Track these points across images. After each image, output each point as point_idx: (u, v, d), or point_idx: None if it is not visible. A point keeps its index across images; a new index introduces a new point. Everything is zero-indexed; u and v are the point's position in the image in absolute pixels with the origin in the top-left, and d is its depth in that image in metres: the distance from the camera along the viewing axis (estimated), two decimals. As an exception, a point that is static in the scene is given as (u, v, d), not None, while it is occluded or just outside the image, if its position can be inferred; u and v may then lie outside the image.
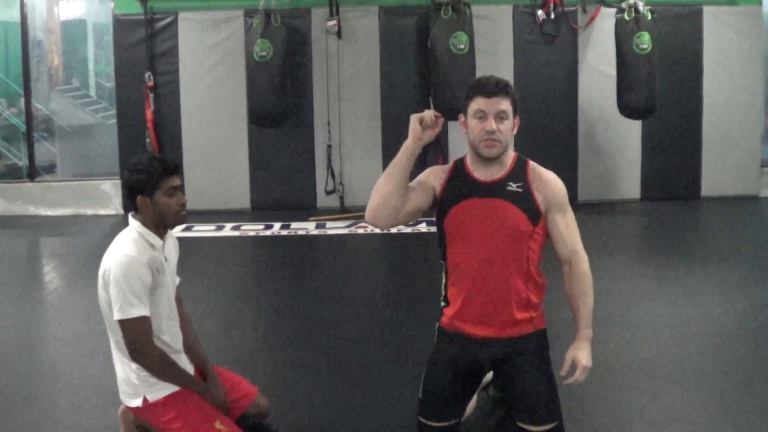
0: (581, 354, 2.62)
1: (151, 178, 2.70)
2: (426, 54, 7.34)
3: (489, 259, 2.58)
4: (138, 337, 2.62)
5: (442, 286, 2.74)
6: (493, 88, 2.55)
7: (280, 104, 7.15)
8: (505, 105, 2.56)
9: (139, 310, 2.60)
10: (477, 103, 2.56)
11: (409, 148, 2.58)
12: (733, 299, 4.79)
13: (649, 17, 6.96)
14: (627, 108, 7.14)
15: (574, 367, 2.63)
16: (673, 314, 4.53)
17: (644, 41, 6.91)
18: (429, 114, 2.58)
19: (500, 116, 2.55)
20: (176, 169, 2.76)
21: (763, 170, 7.99)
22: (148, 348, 2.65)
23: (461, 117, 2.65)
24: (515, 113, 2.61)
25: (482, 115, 2.55)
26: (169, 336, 2.79)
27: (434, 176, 2.71)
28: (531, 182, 2.63)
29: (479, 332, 2.64)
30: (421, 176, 2.74)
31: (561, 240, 2.65)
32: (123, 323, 2.61)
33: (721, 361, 3.81)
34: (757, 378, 3.58)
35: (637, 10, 6.94)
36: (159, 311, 2.73)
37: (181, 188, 2.77)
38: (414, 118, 2.58)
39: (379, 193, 2.60)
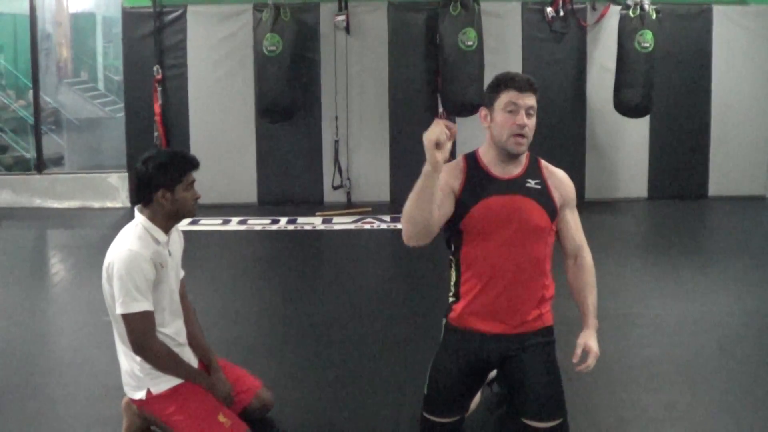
0: (592, 341, 2.64)
1: (177, 173, 2.71)
2: (434, 50, 7.33)
3: (509, 256, 2.58)
4: (141, 331, 2.63)
5: (452, 282, 2.72)
6: (525, 83, 2.53)
7: (288, 99, 7.14)
8: (533, 102, 2.54)
9: (142, 305, 2.61)
10: (509, 96, 2.52)
11: (429, 174, 2.32)
12: (738, 299, 4.77)
13: (654, 16, 6.94)
14: (623, 105, 7.14)
15: (585, 354, 2.64)
16: (678, 313, 4.51)
17: (647, 39, 6.90)
18: (442, 133, 2.26)
19: (529, 112, 2.53)
20: (199, 164, 2.79)
21: (770, 170, 7.96)
22: (151, 342, 2.66)
23: (482, 111, 2.61)
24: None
25: (513, 108, 2.51)
26: (173, 329, 2.80)
27: (452, 177, 2.60)
28: (547, 179, 2.64)
29: (488, 328, 2.64)
30: None
31: (570, 236, 2.69)
32: (126, 317, 2.62)
33: (725, 360, 3.80)
34: (762, 377, 3.56)
35: (642, 8, 6.92)
36: (162, 305, 2.74)
37: None
38: (429, 142, 2.26)
39: (412, 222, 2.43)
